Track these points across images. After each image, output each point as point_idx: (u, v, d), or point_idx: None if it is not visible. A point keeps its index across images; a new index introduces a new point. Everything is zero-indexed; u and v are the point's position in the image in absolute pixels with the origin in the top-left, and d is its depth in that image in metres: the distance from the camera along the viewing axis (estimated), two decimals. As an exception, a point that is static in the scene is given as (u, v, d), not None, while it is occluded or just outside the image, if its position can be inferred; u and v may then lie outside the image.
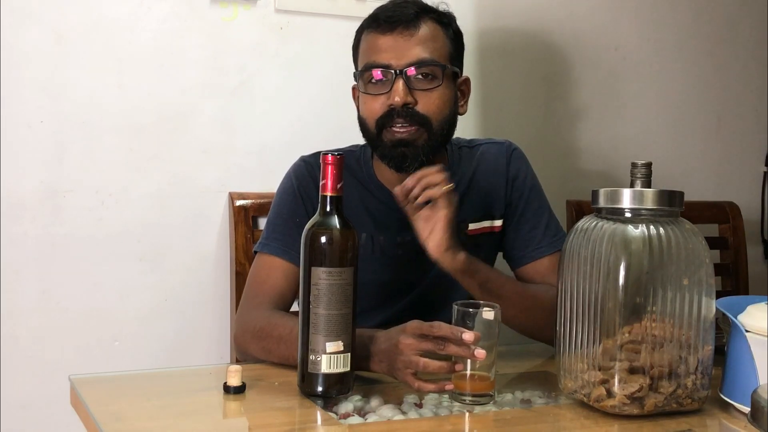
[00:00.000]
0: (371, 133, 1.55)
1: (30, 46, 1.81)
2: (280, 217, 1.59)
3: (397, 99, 1.49)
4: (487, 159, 1.67)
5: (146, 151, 1.91)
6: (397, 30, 1.52)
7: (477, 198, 1.64)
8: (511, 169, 1.66)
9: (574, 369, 1.25)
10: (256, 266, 1.59)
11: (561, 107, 2.34)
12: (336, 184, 1.26)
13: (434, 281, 1.63)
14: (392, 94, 1.50)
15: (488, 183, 1.65)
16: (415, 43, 1.52)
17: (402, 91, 1.49)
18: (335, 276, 1.23)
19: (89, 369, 1.74)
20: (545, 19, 2.28)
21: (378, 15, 1.55)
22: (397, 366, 1.29)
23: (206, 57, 1.95)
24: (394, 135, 1.51)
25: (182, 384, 1.35)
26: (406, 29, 1.52)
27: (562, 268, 1.29)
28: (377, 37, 1.54)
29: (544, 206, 1.68)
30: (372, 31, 1.55)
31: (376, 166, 1.64)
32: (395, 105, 1.50)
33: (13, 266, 1.83)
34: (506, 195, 1.65)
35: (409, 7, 1.54)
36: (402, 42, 1.52)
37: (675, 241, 1.22)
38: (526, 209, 1.65)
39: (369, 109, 1.54)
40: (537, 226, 1.64)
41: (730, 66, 2.53)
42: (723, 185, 2.54)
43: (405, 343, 1.28)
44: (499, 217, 1.66)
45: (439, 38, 1.55)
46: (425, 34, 1.53)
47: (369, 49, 1.55)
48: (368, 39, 1.56)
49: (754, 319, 1.23)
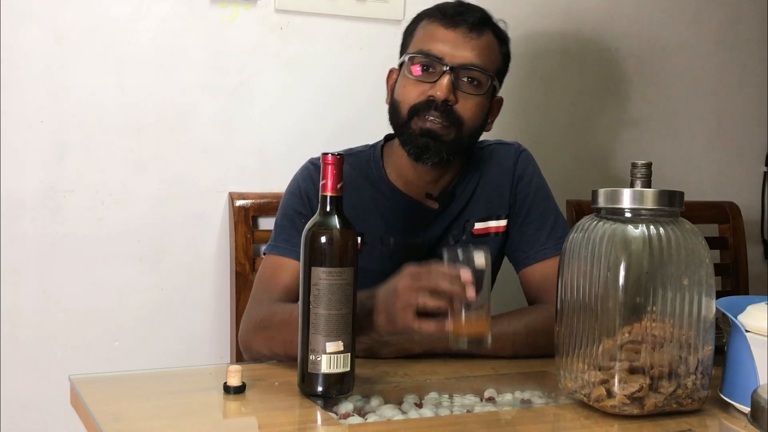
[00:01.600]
0: (401, 117, 1.55)
1: (30, 46, 1.81)
2: (286, 218, 1.60)
3: (439, 93, 1.51)
4: (494, 159, 1.68)
5: (146, 151, 1.91)
6: (460, 28, 1.54)
7: (483, 198, 1.65)
8: (517, 170, 1.67)
9: (574, 369, 1.25)
10: (262, 267, 1.59)
11: (561, 107, 2.34)
12: (336, 184, 1.26)
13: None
14: (436, 86, 1.51)
15: (494, 183, 1.66)
16: (472, 46, 1.53)
17: (446, 88, 1.50)
18: (335, 276, 1.23)
19: (89, 369, 1.74)
20: (545, 19, 2.28)
21: (445, 9, 1.56)
22: (396, 311, 1.30)
23: (206, 57, 1.95)
24: (425, 124, 1.52)
25: (182, 384, 1.35)
26: (469, 31, 1.54)
27: (562, 268, 1.29)
28: (438, 28, 1.55)
29: (551, 209, 1.68)
30: (435, 21, 1.56)
31: (387, 167, 1.64)
32: (436, 98, 1.51)
33: (13, 266, 1.83)
34: (511, 195, 1.66)
35: (477, 12, 1.56)
36: (462, 41, 1.53)
37: (675, 241, 1.22)
38: (531, 210, 1.65)
39: (407, 93, 1.55)
40: (542, 227, 1.64)
41: (730, 66, 2.53)
42: (723, 185, 2.54)
43: (402, 285, 1.30)
44: (504, 217, 1.66)
45: (494, 52, 1.58)
46: (484, 42, 1.55)
47: (426, 37, 1.56)
48: (428, 27, 1.57)
49: (754, 319, 1.23)
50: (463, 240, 1.63)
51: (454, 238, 1.64)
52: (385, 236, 1.62)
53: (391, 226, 1.61)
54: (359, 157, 1.66)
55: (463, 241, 1.63)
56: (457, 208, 1.64)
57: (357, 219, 1.41)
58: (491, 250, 1.63)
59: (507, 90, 1.76)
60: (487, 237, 1.65)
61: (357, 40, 2.07)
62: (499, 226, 1.66)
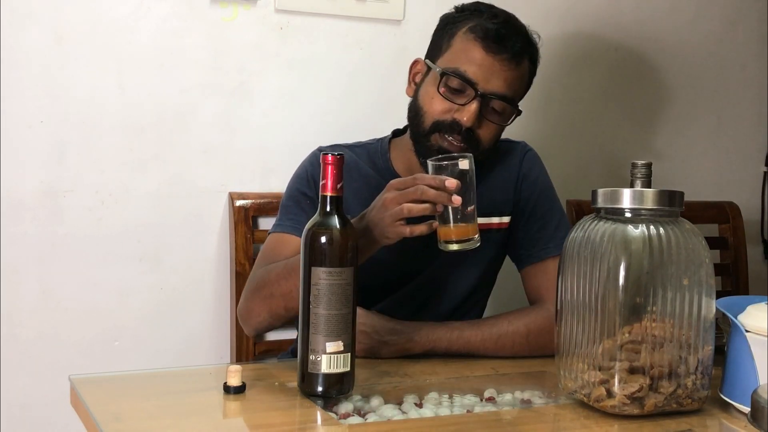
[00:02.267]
0: (422, 127, 1.56)
1: (30, 46, 1.81)
2: (292, 199, 1.62)
3: (466, 119, 1.51)
4: (500, 157, 1.68)
5: (146, 151, 1.91)
6: (499, 56, 1.52)
7: (487, 194, 1.64)
8: (522, 169, 1.67)
9: (574, 369, 1.25)
10: (265, 244, 1.61)
11: (561, 107, 2.34)
12: (336, 184, 1.26)
13: (438, 269, 1.64)
14: (464, 111, 1.51)
15: (499, 180, 1.66)
16: (507, 77, 1.53)
17: (474, 115, 1.51)
18: (335, 276, 1.23)
19: (89, 369, 1.74)
20: (545, 19, 2.28)
21: (488, 29, 1.52)
22: (385, 223, 1.34)
23: (206, 57, 1.95)
24: (444, 143, 1.53)
25: (182, 384, 1.35)
26: (507, 60, 1.53)
27: (562, 268, 1.29)
28: (477, 50, 1.52)
29: (556, 208, 1.68)
30: (477, 39, 1.53)
31: (394, 158, 1.66)
32: (462, 123, 1.51)
33: (13, 266, 1.83)
34: (515, 193, 1.66)
35: (518, 39, 1.54)
36: (498, 69, 1.52)
37: (675, 241, 1.22)
38: (535, 209, 1.66)
39: (433, 107, 1.54)
40: (545, 227, 1.65)
41: (730, 66, 2.53)
42: (723, 185, 2.54)
43: (389, 197, 1.34)
44: (507, 214, 1.66)
45: (525, 80, 1.59)
46: (519, 73, 1.56)
47: (464, 55, 1.53)
48: (468, 44, 1.54)
49: (754, 319, 1.23)
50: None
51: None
52: None
53: None
54: (367, 148, 1.68)
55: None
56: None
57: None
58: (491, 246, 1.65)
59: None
60: (489, 233, 1.65)
61: (357, 40, 2.06)
62: (501, 223, 1.66)
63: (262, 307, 1.49)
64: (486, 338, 1.52)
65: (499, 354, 1.52)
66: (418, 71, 1.62)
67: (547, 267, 1.62)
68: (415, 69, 1.63)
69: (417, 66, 1.63)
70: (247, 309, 1.53)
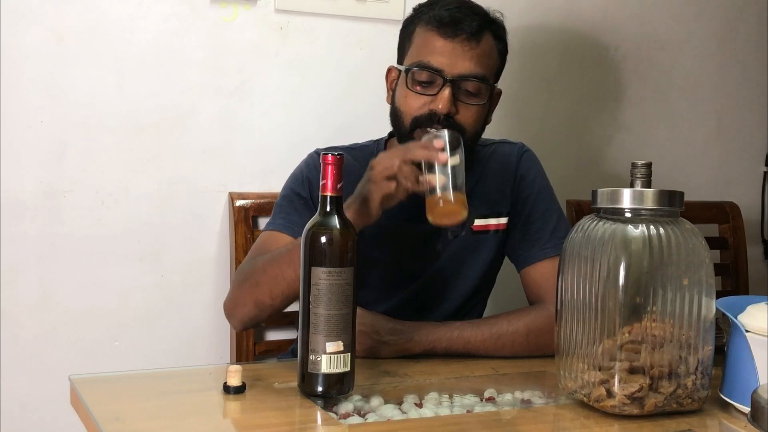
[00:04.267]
0: (404, 127, 1.56)
1: (30, 46, 1.81)
2: (285, 199, 1.63)
3: (441, 107, 1.50)
4: (498, 158, 1.68)
5: (146, 151, 1.91)
6: (458, 38, 1.51)
7: (484, 195, 1.65)
8: (520, 169, 1.67)
9: (574, 369, 1.25)
10: (256, 242, 1.63)
11: (561, 107, 2.34)
12: (336, 184, 1.26)
13: (439, 271, 1.64)
14: (437, 100, 1.51)
15: (496, 181, 1.66)
16: (471, 56, 1.52)
17: (447, 101, 1.50)
18: (335, 276, 1.23)
19: (89, 369, 1.74)
20: (545, 18, 2.28)
21: (442, 16, 1.53)
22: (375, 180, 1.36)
23: (206, 57, 1.95)
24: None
25: (182, 384, 1.35)
26: (467, 40, 1.52)
27: (562, 268, 1.29)
28: (436, 38, 1.53)
29: (554, 209, 1.68)
30: (432, 29, 1.54)
31: None
32: (438, 111, 1.51)
33: (13, 266, 1.83)
34: (513, 193, 1.66)
35: (475, 18, 1.53)
36: (460, 52, 1.52)
37: (675, 241, 1.22)
38: (533, 210, 1.65)
39: (408, 105, 1.55)
40: (544, 227, 1.64)
41: (730, 66, 2.53)
42: (723, 185, 2.54)
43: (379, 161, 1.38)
44: (505, 215, 1.66)
45: (493, 55, 1.57)
46: (483, 50, 1.54)
47: (425, 48, 1.54)
48: (426, 36, 1.55)
49: (754, 319, 1.23)
50: (462, 236, 1.64)
51: (453, 233, 1.64)
52: (383, 223, 1.62)
53: (389, 213, 1.62)
54: (363, 150, 1.68)
55: (462, 237, 1.64)
56: None
57: None
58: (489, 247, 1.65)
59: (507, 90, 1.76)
60: (487, 234, 1.65)
61: (357, 40, 2.06)
62: (499, 224, 1.66)
63: (248, 297, 1.49)
64: (486, 338, 1.52)
65: (498, 354, 1.52)
66: (393, 78, 1.62)
67: (546, 267, 1.62)
68: (390, 77, 1.63)
69: (391, 73, 1.63)
70: (232, 301, 1.54)
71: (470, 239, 1.64)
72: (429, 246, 1.63)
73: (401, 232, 1.62)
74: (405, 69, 1.55)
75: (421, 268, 1.64)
